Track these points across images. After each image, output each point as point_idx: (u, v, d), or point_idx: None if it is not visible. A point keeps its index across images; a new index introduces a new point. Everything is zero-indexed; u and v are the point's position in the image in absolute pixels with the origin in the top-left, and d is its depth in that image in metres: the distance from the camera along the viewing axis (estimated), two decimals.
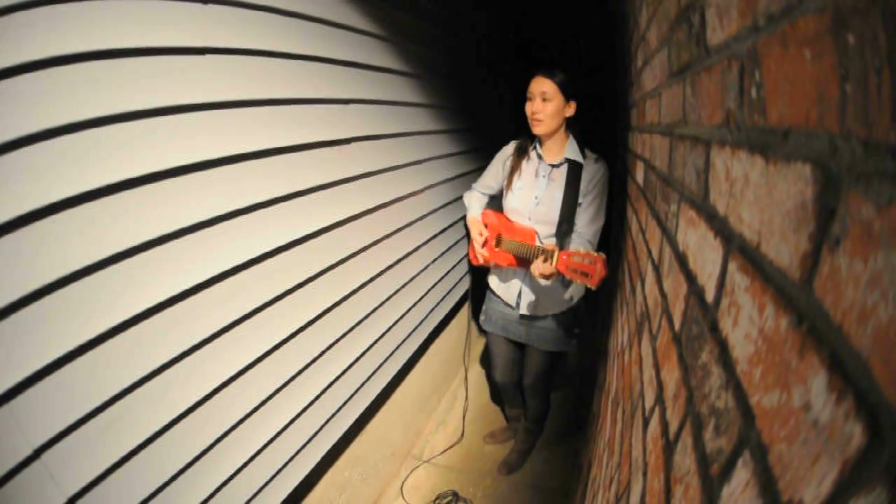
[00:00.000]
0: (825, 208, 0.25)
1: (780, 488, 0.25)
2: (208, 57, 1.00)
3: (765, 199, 0.32)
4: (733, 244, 0.38)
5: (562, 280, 1.49)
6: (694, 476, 0.39)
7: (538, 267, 1.53)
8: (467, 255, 2.41)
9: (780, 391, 0.27)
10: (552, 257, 1.47)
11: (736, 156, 0.39)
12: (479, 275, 2.21)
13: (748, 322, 0.33)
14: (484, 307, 2.08)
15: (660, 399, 0.57)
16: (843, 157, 0.23)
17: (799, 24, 0.28)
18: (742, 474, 0.30)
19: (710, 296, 0.42)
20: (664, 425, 0.52)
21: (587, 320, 1.97)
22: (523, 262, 1.72)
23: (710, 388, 0.39)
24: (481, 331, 2.20)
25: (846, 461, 0.20)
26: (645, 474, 0.58)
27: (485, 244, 1.90)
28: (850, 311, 0.22)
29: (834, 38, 0.24)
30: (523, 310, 1.88)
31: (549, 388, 2.12)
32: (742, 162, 0.38)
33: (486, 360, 2.76)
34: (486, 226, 1.93)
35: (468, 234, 2.11)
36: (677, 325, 0.54)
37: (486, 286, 2.07)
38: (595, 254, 1.34)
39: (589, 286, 1.36)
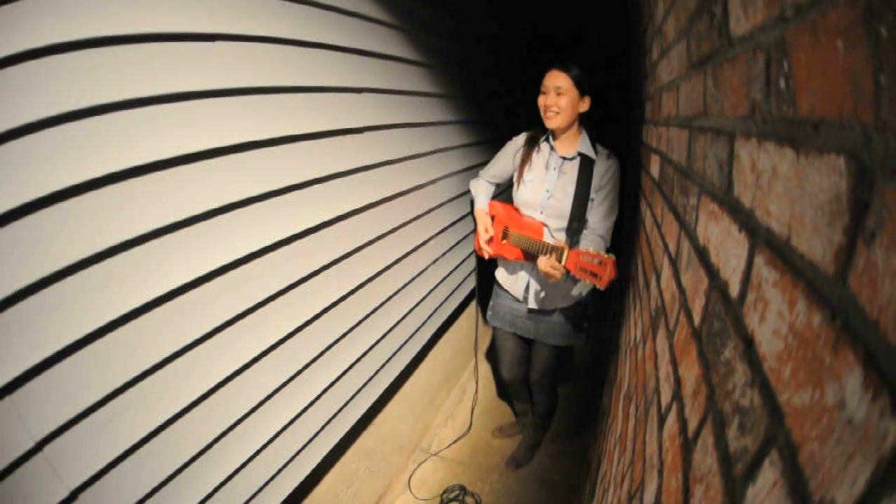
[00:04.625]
0: (860, 201, 0.24)
1: (811, 489, 0.25)
2: (218, 44, 0.99)
3: (795, 191, 0.32)
4: (760, 238, 0.37)
5: (568, 274, 1.48)
6: (715, 476, 0.38)
7: (546, 264, 1.51)
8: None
9: (813, 389, 0.26)
10: (562, 255, 1.45)
11: (763, 147, 0.38)
12: (487, 268, 2.21)
13: (777, 318, 0.32)
14: (491, 302, 2.06)
15: (677, 396, 0.57)
16: (878, 149, 0.23)
17: (830, 16, 0.27)
18: (769, 474, 0.29)
19: (734, 290, 0.42)
20: (682, 423, 0.52)
21: (595, 314, 1.96)
22: (531, 256, 1.70)
23: (733, 386, 0.38)
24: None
25: (881, 460, 0.20)
26: (661, 472, 0.57)
27: (489, 242, 1.89)
28: (888, 306, 0.21)
29: (866, 29, 0.23)
30: (531, 303, 1.86)
31: (556, 382, 2.11)
32: (770, 154, 0.37)
33: (493, 355, 2.76)
34: (492, 218, 1.91)
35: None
36: (697, 321, 0.53)
37: (493, 280, 2.05)
38: (605, 255, 1.33)
39: (598, 286, 1.35)
